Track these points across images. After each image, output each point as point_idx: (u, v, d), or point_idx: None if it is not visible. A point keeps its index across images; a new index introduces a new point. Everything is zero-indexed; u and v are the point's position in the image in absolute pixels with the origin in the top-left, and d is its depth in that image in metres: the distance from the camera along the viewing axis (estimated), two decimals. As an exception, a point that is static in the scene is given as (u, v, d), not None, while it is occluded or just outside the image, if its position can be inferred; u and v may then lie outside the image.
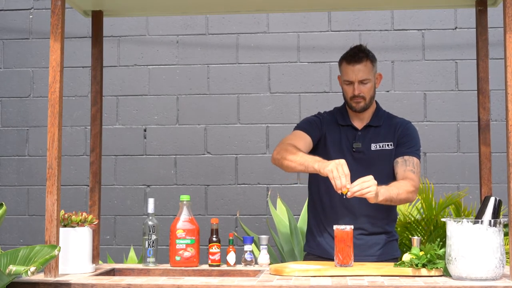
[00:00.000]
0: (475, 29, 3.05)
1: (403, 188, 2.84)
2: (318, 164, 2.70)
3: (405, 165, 2.96)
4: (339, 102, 4.56)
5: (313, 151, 2.95)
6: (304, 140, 2.97)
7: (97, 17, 3.11)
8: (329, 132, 3.03)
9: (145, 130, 4.79)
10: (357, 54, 2.96)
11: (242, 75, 4.78)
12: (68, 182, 4.73)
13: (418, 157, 3.02)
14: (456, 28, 4.68)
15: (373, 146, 2.99)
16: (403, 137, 3.03)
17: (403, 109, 4.56)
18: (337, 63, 4.64)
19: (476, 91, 3.02)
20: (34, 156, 4.82)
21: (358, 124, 3.05)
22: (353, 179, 2.85)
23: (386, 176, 2.97)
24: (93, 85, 3.08)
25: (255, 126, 4.73)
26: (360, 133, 3.02)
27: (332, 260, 2.86)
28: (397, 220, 3.95)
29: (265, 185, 4.68)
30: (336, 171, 2.61)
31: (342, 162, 2.64)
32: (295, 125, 3.10)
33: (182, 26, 4.83)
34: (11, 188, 4.83)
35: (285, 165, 2.84)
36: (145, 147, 4.78)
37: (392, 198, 2.78)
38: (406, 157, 2.98)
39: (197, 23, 4.82)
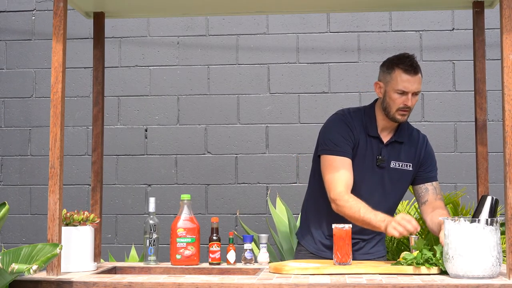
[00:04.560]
0: (472, 30, 3.06)
1: None
2: (384, 224, 2.68)
3: (435, 193, 2.97)
4: (338, 102, 4.62)
5: None
6: (350, 170, 2.86)
7: (98, 19, 3.11)
8: (359, 139, 2.92)
9: (146, 130, 4.81)
10: (417, 65, 2.86)
11: (242, 76, 4.80)
12: (70, 182, 4.75)
13: None
14: (453, 29, 4.70)
15: (393, 164, 2.93)
16: (427, 159, 3.00)
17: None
18: (336, 63, 4.75)
19: (473, 92, 3.03)
20: (36, 156, 4.84)
21: (384, 136, 2.95)
22: (369, 191, 2.87)
23: (399, 195, 3.00)
24: (94, 85, 3.08)
25: (254, 126, 4.75)
26: (384, 147, 2.93)
27: (324, 258, 2.90)
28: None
29: (265, 185, 4.70)
30: (400, 229, 2.62)
31: (398, 220, 2.62)
32: (330, 144, 2.90)
33: (182, 27, 4.85)
34: (14, 187, 4.85)
35: (348, 219, 2.83)
36: (146, 147, 4.80)
37: None
38: (434, 184, 2.98)
39: (197, 25, 4.84)
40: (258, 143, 4.74)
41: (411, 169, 2.96)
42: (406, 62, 2.85)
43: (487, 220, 2.35)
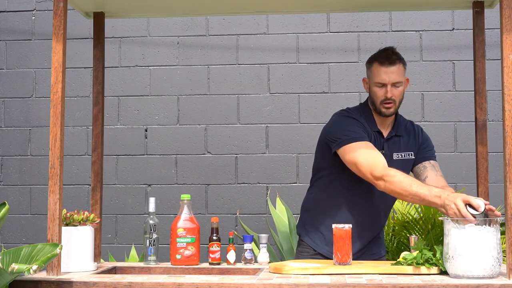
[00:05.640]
0: (472, 30, 3.06)
1: None
2: (440, 201, 2.54)
3: (435, 170, 2.96)
4: (338, 102, 4.62)
5: None
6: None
7: (98, 19, 3.12)
8: (366, 134, 2.94)
9: (146, 130, 4.82)
10: (391, 56, 2.88)
11: (242, 76, 4.80)
12: (70, 182, 4.75)
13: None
14: (453, 29, 4.70)
15: (395, 156, 2.96)
16: (423, 143, 3.03)
17: (401, 109, 4.52)
18: (336, 63, 4.76)
19: (473, 92, 3.03)
20: (36, 156, 4.84)
21: (384, 131, 2.98)
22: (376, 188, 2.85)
23: None
24: (94, 85, 3.08)
25: (254, 126, 4.75)
26: (385, 141, 2.96)
27: (327, 258, 2.89)
28: (395, 219, 3.99)
29: (265, 185, 4.70)
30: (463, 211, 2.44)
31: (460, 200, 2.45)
32: (349, 133, 2.86)
33: (182, 27, 4.85)
34: (14, 187, 4.85)
35: (400, 198, 2.76)
36: (146, 147, 4.80)
37: None
38: (432, 162, 2.99)
39: (197, 24, 4.84)
40: (258, 143, 4.74)
41: (413, 157, 3.00)
42: (382, 55, 2.91)
43: (486, 220, 2.35)
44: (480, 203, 2.42)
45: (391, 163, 2.91)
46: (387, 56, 2.89)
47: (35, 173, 4.84)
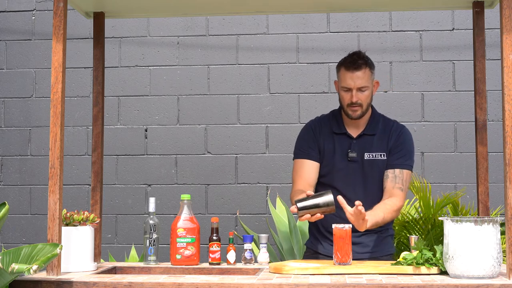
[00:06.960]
0: (472, 30, 3.06)
1: (389, 209, 2.86)
2: None
3: (394, 181, 2.95)
4: (338, 102, 4.61)
5: None
6: (310, 170, 2.99)
7: (98, 19, 3.12)
8: (324, 141, 3.02)
9: (146, 130, 4.82)
10: (356, 61, 2.92)
11: (242, 76, 4.80)
12: (70, 182, 4.75)
13: (410, 167, 3.01)
14: (453, 29, 4.70)
15: (366, 156, 2.97)
16: (396, 147, 3.00)
17: (401, 110, 4.59)
18: (336, 64, 4.74)
19: (473, 92, 3.04)
20: (36, 156, 4.84)
21: (353, 131, 3.02)
22: (347, 187, 2.91)
23: (378, 184, 2.99)
24: (94, 85, 3.09)
25: (254, 126, 4.75)
26: (355, 141, 3.00)
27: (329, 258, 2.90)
28: (395, 219, 3.99)
29: (265, 185, 4.70)
30: None
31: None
32: (296, 149, 3.10)
33: (182, 27, 4.85)
34: (14, 187, 4.85)
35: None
36: (146, 147, 4.80)
37: (378, 222, 2.82)
38: (396, 172, 2.96)
39: (197, 24, 4.84)
40: (258, 143, 4.74)
41: (384, 158, 2.99)
42: (347, 60, 2.96)
43: (485, 220, 2.34)
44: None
45: (362, 163, 2.97)
46: (353, 61, 2.93)
47: (35, 173, 4.84)
